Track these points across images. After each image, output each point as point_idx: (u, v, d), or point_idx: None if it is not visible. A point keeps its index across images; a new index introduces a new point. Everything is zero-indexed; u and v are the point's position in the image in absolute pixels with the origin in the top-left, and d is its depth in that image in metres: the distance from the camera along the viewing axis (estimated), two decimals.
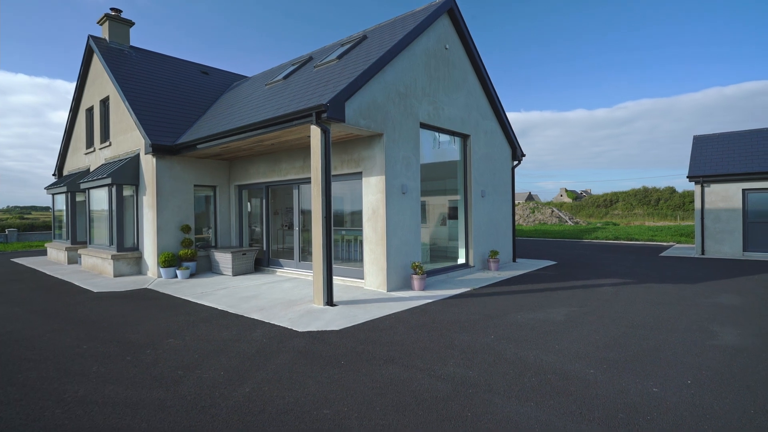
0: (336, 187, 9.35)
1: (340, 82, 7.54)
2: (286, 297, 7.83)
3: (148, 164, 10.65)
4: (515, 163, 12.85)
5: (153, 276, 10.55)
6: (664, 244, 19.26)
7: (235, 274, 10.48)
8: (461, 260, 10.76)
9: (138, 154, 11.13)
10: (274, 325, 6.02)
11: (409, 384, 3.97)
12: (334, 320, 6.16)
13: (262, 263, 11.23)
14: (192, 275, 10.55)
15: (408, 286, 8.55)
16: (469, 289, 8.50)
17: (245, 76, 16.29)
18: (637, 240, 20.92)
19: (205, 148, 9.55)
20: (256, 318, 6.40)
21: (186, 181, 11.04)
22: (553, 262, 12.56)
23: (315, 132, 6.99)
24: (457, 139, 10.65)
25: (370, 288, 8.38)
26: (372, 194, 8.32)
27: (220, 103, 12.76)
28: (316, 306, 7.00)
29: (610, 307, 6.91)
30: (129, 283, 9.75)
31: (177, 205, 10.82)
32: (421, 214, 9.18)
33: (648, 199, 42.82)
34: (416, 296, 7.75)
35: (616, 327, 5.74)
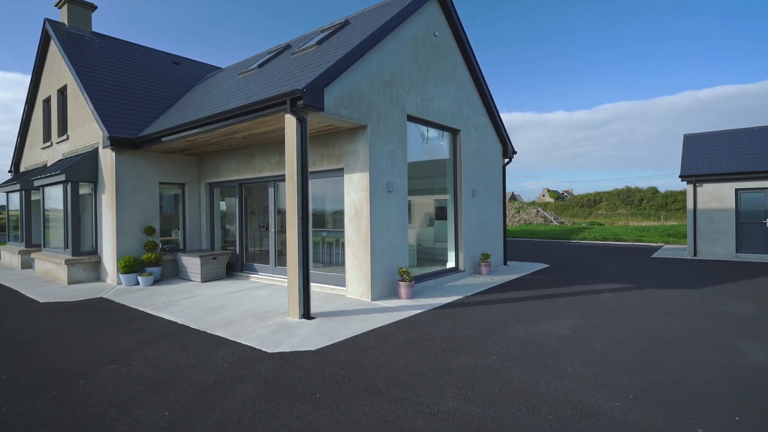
0: (316, 184, 8.53)
1: (319, 67, 6.73)
2: (258, 308, 6.97)
3: (107, 159, 9.63)
4: (506, 160, 12.23)
5: (112, 283, 9.54)
6: (653, 244, 18.99)
7: (205, 280, 9.54)
8: (451, 264, 10.05)
9: (96, 149, 10.08)
10: (240, 344, 5.17)
11: (399, 426, 3.19)
12: (310, 337, 5.34)
13: (235, 268, 10.31)
14: (156, 282, 9.57)
15: (394, 294, 7.78)
16: (461, 296, 7.78)
17: (219, 68, 15.29)
18: (625, 240, 20.63)
19: (169, 141, 8.60)
20: (220, 335, 5.53)
21: (150, 178, 10.05)
22: (546, 265, 11.98)
23: (290, 122, 6.17)
24: (446, 134, 9.94)
25: (353, 296, 7.59)
26: (355, 192, 7.52)
27: (191, 95, 11.77)
28: (291, 319, 6.17)
29: (617, 317, 6.28)
30: (83, 291, 8.72)
31: (140, 205, 9.82)
32: (408, 214, 8.42)
33: (631, 199, 43.09)
34: (404, 306, 6.99)
35: (630, 343, 5.08)
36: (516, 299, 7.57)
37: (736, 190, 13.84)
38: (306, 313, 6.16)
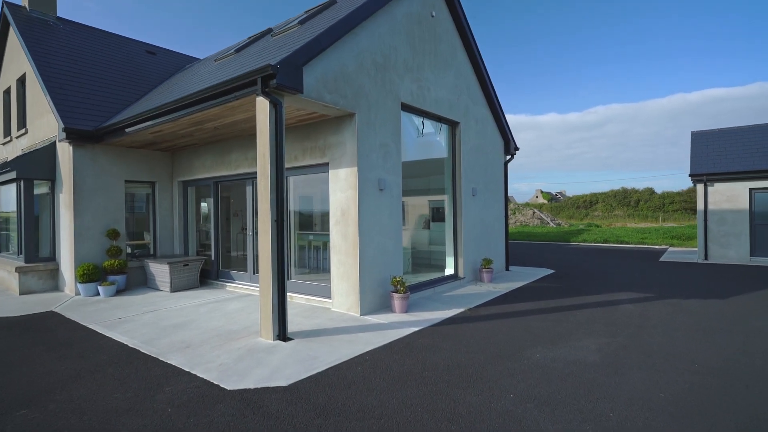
0: (299, 182, 7.54)
1: (299, 43, 5.74)
2: (227, 325, 5.96)
3: (65, 154, 8.56)
4: (508, 157, 11.31)
5: (70, 293, 8.46)
6: (657, 247, 18.21)
7: (175, 290, 8.49)
8: (449, 270, 9.10)
9: (54, 143, 9.01)
10: (195, 376, 4.16)
11: None
12: (283, 366, 4.35)
13: (210, 275, 9.27)
14: (120, 292, 8.50)
15: (387, 306, 6.81)
16: (462, 309, 6.83)
17: (199, 59, 14.24)
18: (627, 243, 19.84)
19: (134, 132, 7.56)
20: (173, 363, 4.52)
21: (114, 175, 8.99)
22: (551, 271, 11.07)
23: (262, 106, 5.18)
24: (444, 127, 9.00)
25: (339, 310, 6.60)
26: (341, 191, 6.54)
27: (164, 85, 10.72)
28: (264, 341, 5.16)
29: (647, 337, 5.35)
30: (34, 303, 7.64)
31: (102, 206, 8.75)
32: (402, 216, 7.45)
33: (628, 200, 42.49)
34: (398, 322, 6.02)
35: (675, 374, 4.15)
36: (525, 312, 6.63)
37: (750, 189, 13.04)
38: (281, 334, 5.16)
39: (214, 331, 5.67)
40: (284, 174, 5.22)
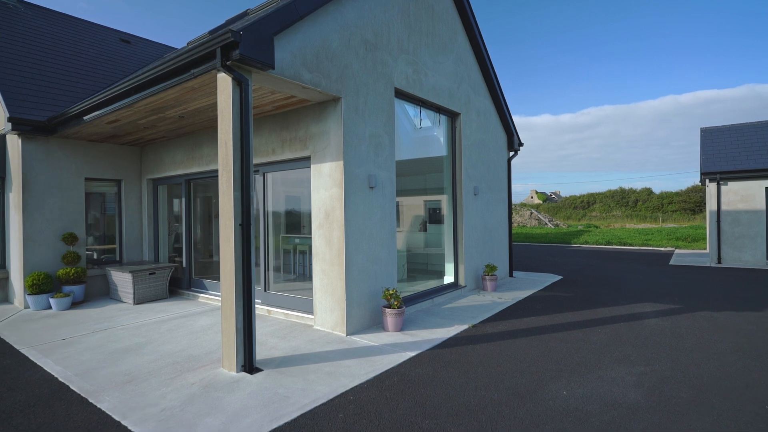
0: (278, 179, 6.59)
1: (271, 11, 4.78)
2: (188, 348, 4.99)
3: (15, 148, 7.53)
4: (511, 153, 10.42)
5: (19, 306, 7.43)
6: (663, 249, 17.42)
7: (139, 301, 7.50)
8: (449, 278, 8.18)
9: (5, 135, 7.98)
10: (123, 428, 3.20)
11: None
12: (243, 414, 3.39)
13: (181, 285, 8.28)
14: (77, 304, 7.49)
15: (378, 323, 5.88)
16: (466, 326, 5.90)
17: (176, 48, 13.22)
18: (631, 245, 19.05)
19: (91, 121, 6.55)
20: (104, 408, 3.54)
21: (73, 172, 7.97)
22: (558, 277, 10.18)
23: (224, 84, 4.22)
24: (444, 118, 8.08)
25: (322, 329, 5.65)
26: (324, 189, 5.60)
27: None
28: (225, 372, 4.20)
29: (690, 362, 4.46)
30: None
31: (58, 206, 7.73)
32: (396, 217, 6.52)
33: (626, 200, 41.87)
34: (390, 344, 5.08)
35: (746, 418, 3.24)
36: (539, 330, 5.71)
37: (767, 188, 12.26)
38: (247, 364, 4.20)
39: (169, 357, 4.70)
40: (252, 168, 4.27)
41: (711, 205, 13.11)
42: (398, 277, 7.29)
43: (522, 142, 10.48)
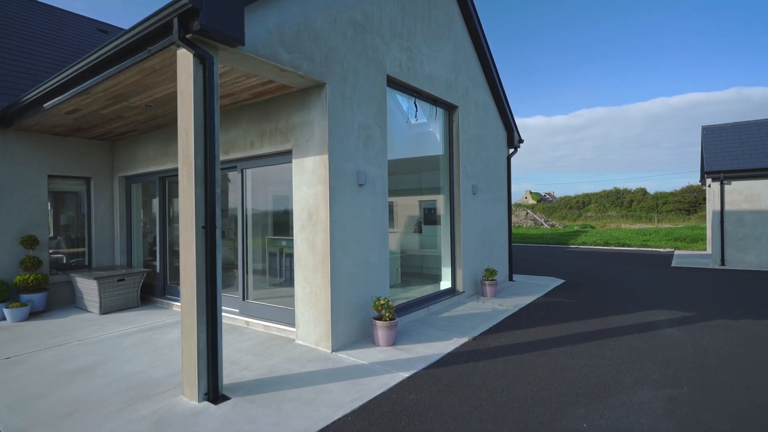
0: (258, 175, 5.97)
1: None
2: (148, 369, 4.34)
3: None
4: (511, 150, 9.87)
5: None
6: (662, 250, 17.00)
7: (106, 311, 6.82)
8: (446, 283, 7.60)
9: None
10: None
11: None
12: None
13: (155, 292, 7.62)
14: (37, 314, 6.80)
15: (368, 337, 5.27)
16: (465, 338, 5.31)
17: None
18: (629, 246, 18.62)
19: (50, 107, 5.87)
20: None
21: (34, 168, 7.27)
22: (560, 281, 9.65)
23: (184, 62, 3.59)
24: (440, 111, 7.50)
25: (305, 343, 5.03)
26: (307, 186, 4.98)
27: None
28: (186, 402, 3.57)
29: (722, 382, 3.90)
30: None
31: (16, 206, 7.03)
32: (389, 218, 5.92)
33: (620, 200, 41.64)
34: (381, 362, 4.47)
35: None
36: (547, 343, 5.14)
37: None
38: (212, 391, 3.57)
39: (125, 381, 4.06)
40: (218, 162, 3.65)
41: (714, 205, 12.66)
42: (392, 282, 6.69)
43: (522, 138, 9.93)
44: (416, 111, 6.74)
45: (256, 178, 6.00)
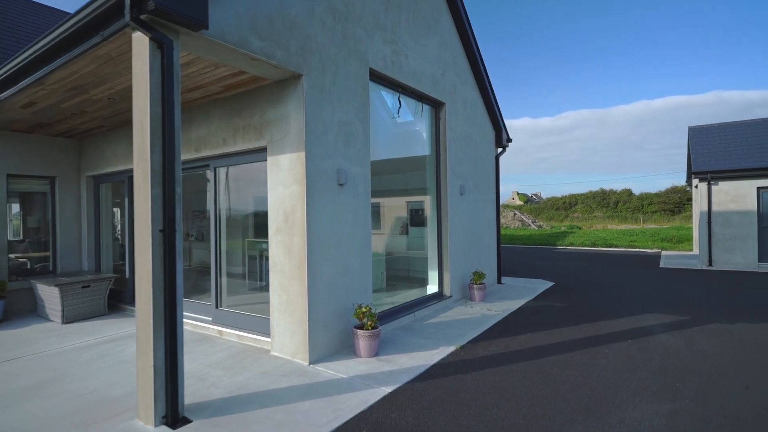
0: (232, 175, 5.59)
1: None
2: (104, 387, 3.94)
3: None
4: (499, 150, 9.64)
5: None
6: (649, 251, 17.01)
7: (69, 320, 6.36)
8: (432, 287, 7.30)
9: None
10: None
11: None
12: None
13: (124, 299, 7.17)
14: None
15: (349, 345, 4.94)
16: (453, 347, 5.02)
17: None
18: (616, 246, 18.62)
19: (4, 99, 5.42)
20: None
21: None
22: (550, 283, 9.43)
23: (139, 46, 3.22)
24: (426, 108, 7.21)
25: (281, 355, 4.67)
26: (283, 186, 4.63)
27: None
28: (140, 427, 3.19)
29: (722, 392, 3.67)
30: None
31: None
32: (371, 220, 5.59)
33: (606, 201, 41.95)
34: (362, 376, 4.14)
35: None
36: (538, 351, 4.87)
37: (759, 188, 11.83)
38: (170, 414, 3.20)
39: (77, 401, 3.65)
40: (178, 159, 3.29)
41: (701, 205, 12.64)
42: (377, 286, 6.38)
43: (510, 137, 9.71)
44: (399, 107, 6.43)
45: (231, 177, 5.62)
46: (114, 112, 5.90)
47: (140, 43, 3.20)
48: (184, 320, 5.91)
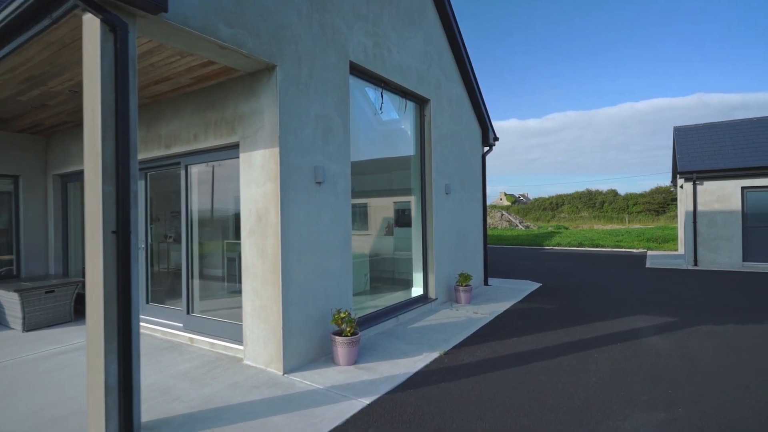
0: (205, 173, 5.29)
1: None
2: (59, 404, 3.62)
3: None
4: (486, 149, 9.46)
5: None
6: (635, 251, 17.07)
7: (30, 327, 5.97)
8: (417, 290, 7.08)
9: None
10: None
11: None
12: None
13: None
14: None
15: (327, 355, 4.67)
16: (437, 353, 4.79)
17: None
18: (603, 246, 18.67)
19: None
20: None
21: None
22: (537, 284, 9.29)
23: (90, 29, 2.93)
24: (411, 105, 6.99)
25: (254, 364, 4.39)
26: (256, 184, 4.36)
27: None
28: None
29: (717, 398, 3.51)
30: None
31: None
32: (352, 221, 5.33)
33: (592, 201, 42.40)
34: (340, 386, 3.89)
35: None
36: (526, 357, 4.67)
37: (743, 188, 11.89)
38: (125, 429, 2.90)
39: (24, 421, 3.32)
40: (134, 153, 3.00)
41: (687, 205, 12.67)
42: (360, 289, 6.13)
43: (497, 136, 9.54)
44: (381, 102, 6.19)
45: (204, 175, 5.32)
46: (78, 106, 5.55)
47: (91, 25, 2.91)
48: (154, 327, 5.59)
